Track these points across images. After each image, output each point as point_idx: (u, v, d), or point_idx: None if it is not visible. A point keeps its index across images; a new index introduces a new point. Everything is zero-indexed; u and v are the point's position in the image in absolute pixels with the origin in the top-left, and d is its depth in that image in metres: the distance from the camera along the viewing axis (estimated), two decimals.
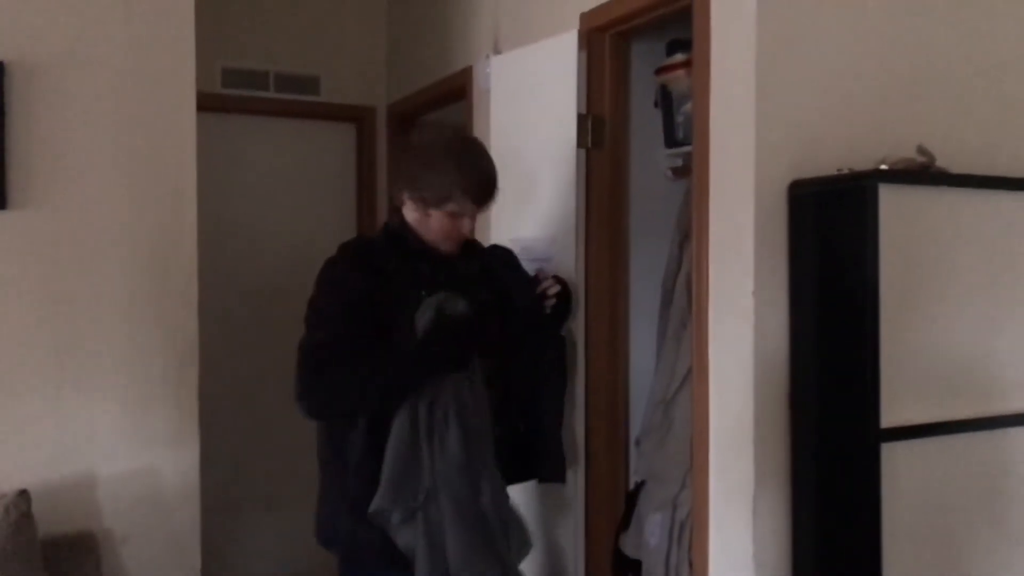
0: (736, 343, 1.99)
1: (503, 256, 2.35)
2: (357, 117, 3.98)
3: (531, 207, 2.68)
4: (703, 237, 2.08)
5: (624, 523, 2.50)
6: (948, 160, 2.00)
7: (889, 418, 1.82)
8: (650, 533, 2.34)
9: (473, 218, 2.04)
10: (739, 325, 1.98)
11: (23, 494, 2.15)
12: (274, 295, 3.67)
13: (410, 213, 2.05)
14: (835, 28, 2.02)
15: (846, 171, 1.91)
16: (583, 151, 2.52)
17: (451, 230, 2.02)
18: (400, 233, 2.06)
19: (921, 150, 2.00)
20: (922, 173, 1.90)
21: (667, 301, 2.51)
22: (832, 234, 1.89)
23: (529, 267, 2.68)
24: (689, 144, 2.54)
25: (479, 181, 2.00)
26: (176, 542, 2.51)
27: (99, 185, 2.40)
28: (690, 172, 2.57)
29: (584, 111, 2.51)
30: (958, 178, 1.92)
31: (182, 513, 2.51)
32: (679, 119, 2.54)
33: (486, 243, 2.87)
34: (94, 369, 2.40)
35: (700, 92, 2.07)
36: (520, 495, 2.74)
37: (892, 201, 1.82)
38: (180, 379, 2.50)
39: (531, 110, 2.68)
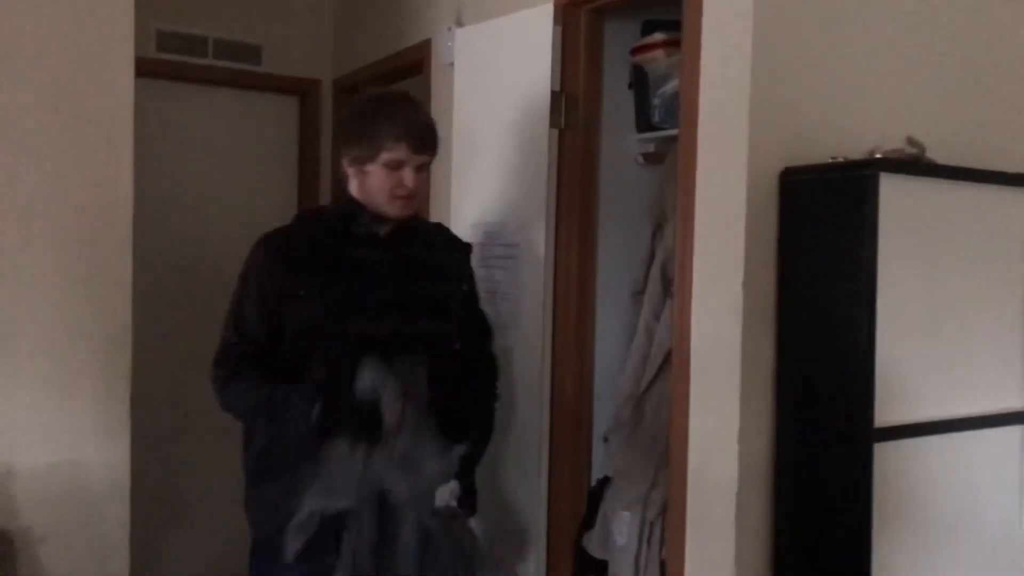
0: (721, 337, 1.91)
1: (461, 259, 2.09)
2: (300, 90, 3.77)
3: (497, 189, 2.55)
4: (688, 225, 1.98)
5: (588, 522, 2.40)
6: (934, 152, 1.95)
7: (880, 417, 1.76)
8: (617, 532, 2.25)
9: (416, 170, 1.85)
10: (725, 318, 1.89)
11: None
12: (211, 274, 3.42)
13: (353, 183, 1.90)
14: (833, 9, 1.95)
15: (841, 159, 1.84)
16: (555, 131, 2.40)
17: (394, 185, 1.84)
18: (351, 211, 1.89)
19: (911, 141, 1.95)
20: (919, 164, 1.84)
21: (638, 292, 2.42)
22: (827, 224, 1.81)
23: (495, 252, 2.55)
24: (665, 128, 2.46)
25: (411, 125, 1.83)
26: (102, 542, 2.31)
27: (25, 151, 2.17)
28: (663, 158, 2.48)
29: (558, 89, 2.38)
30: (955, 171, 1.88)
31: (110, 510, 2.32)
32: (655, 102, 2.44)
33: (448, 225, 2.75)
34: (13, 351, 2.18)
35: (689, 72, 1.97)
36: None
37: (889, 191, 1.76)
38: (110, 364, 2.30)
39: (499, 87, 2.55)
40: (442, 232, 2.12)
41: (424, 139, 1.85)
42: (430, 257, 1.98)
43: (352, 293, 1.85)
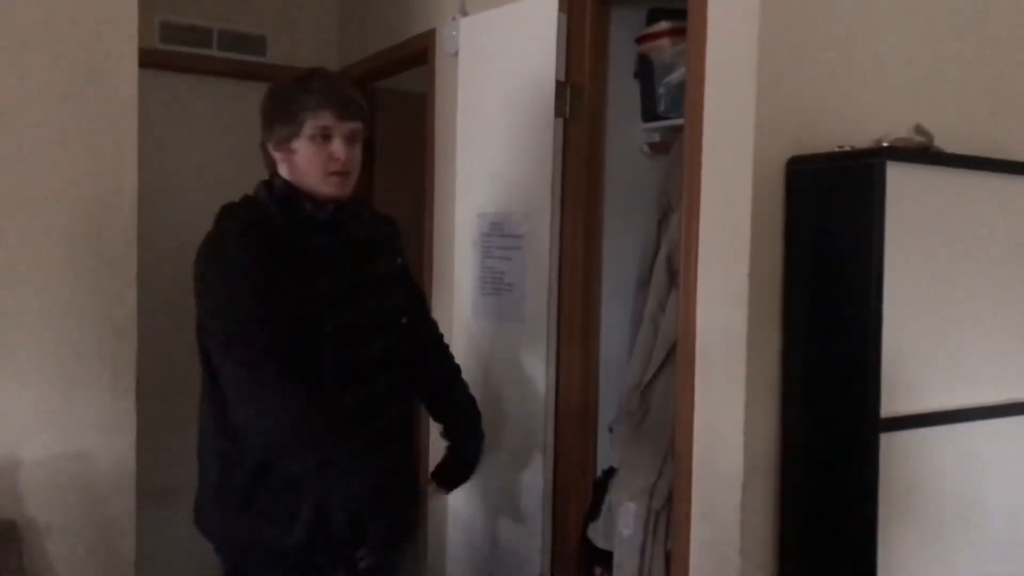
0: (727, 328, 1.89)
1: (392, 232, 2.01)
2: None
3: (501, 179, 2.54)
4: (693, 215, 1.97)
5: (593, 512, 2.39)
6: (942, 141, 1.94)
7: (886, 407, 1.75)
8: (623, 523, 2.24)
9: (347, 141, 1.75)
10: (731, 309, 1.88)
11: None
12: None
13: (282, 168, 1.79)
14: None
15: (848, 148, 1.83)
16: (560, 121, 2.39)
17: (324, 159, 1.73)
18: (288, 196, 1.77)
19: (919, 129, 1.93)
20: (927, 153, 1.83)
21: (643, 282, 2.41)
22: (834, 213, 1.80)
23: (500, 242, 2.55)
24: (670, 118, 2.44)
25: (332, 91, 1.74)
26: (108, 533, 2.31)
27: (29, 143, 2.17)
28: (669, 148, 2.47)
29: (563, 78, 2.37)
30: (963, 159, 1.86)
31: (115, 502, 2.32)
32: (661, 91, 2.42)
33: (453, 216, 2.75)
34: (19, 342, 2.17)
35: (695, 60, 1.95)
36: (480, 484, 2.62)
37: (897, 180, 1.74)
38: (116, 355, 2.30)
39: (504, 76, 2.53)
40: (368, 207, 2.04)
41: (348, 105, 1.75)
42: (367, 235, 1.90)
43: (323, 284, 1.76)
